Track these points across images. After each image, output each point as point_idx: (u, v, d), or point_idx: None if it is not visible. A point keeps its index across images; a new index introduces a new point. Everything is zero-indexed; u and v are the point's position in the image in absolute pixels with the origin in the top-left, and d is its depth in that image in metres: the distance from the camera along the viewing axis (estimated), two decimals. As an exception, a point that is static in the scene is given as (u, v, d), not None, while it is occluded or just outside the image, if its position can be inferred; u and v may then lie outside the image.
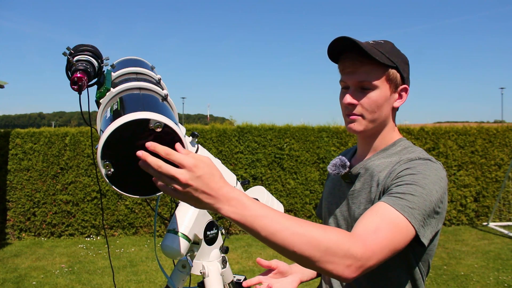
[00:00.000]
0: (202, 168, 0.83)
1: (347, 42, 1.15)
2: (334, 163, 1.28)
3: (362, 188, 1.22)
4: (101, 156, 0.82)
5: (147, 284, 4.74)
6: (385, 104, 1.18)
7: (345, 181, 1.28)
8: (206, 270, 1.23)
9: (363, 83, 1.16)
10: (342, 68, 1.21)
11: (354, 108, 1.18)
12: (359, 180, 1.23)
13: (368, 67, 1.15)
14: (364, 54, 1.13)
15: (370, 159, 1.24)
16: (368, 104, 1.17)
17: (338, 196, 1.31)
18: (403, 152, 1.20)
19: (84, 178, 6.72)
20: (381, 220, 0.97)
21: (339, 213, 1.29)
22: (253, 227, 0.85)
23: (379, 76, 1.16)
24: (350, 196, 1.25)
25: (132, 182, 0.86)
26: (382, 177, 1.15)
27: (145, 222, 6.91)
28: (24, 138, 6.73)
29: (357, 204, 1.21)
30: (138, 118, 0.82)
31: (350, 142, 7.18)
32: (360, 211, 1.19)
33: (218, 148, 6.90)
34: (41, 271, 5.21)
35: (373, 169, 1.20)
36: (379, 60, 1.13)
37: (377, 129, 1.23)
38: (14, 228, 6.74)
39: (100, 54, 1.07)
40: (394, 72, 1.18)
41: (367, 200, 1.18)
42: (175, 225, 1.13)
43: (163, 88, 1.15)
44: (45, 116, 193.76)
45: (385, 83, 1.17)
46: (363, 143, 1.28)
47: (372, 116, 1.18)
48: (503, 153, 7.56)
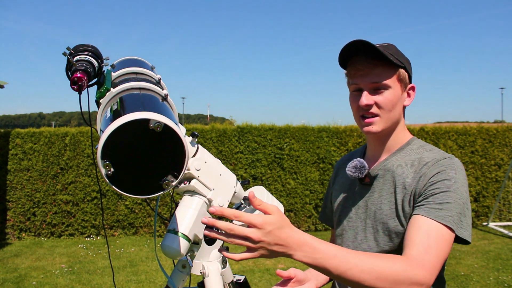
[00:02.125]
0: (271, 223, 0.90)
1: (357, 46, 1.18)
2: (355, 166, 1.27)
3: (383, 189, 1.23)
4: (101, 156, 0.82)
5: (147, 284, 4.74)
6: (398, 103, 1.22)
7: (362, 183, 1.28)
8: (206, 270, 1.23)
9: (377, 84, 1.20)
10: (353, 71, 1.23)
11: (370, 108, 1.21)
12: (379, 181, 1.25)
13: (381, 68, 1.19)
14: (376, 55, 1.17)
15: (387, 159, 1.26)
16: (384, 104, 1.20)
17: (353, 198, 1.32)
18: (420, 150, 1.23)
19: (84, 178, 6.72)
20: (428, 237, 1.04)
21: (355, 216, 1.29)
22: (324, 268, 0.92)
23: (391, 76, 1.20)
24: (369, 197, 1.26)
25: (132, 182, 0.86)
26: (409, 179, 1.17)
27: (145, 222, 6.91)
28: (24, 138, 6.73)
29: (378, 205, 1.23)
30: (138, 118, 0.82)
31: (350, 142, 7.18)
32: (382, 211, 1.21)
33: (218, 148, 6.90)
34: (41, 271, 5.21)
35: (393, 170, 1.22)
36: (393, 61, 1.17)
37: (391, 129, 1.26)
38: (14, 228, 6.74)
39: (100, 54, 1.07)
40: (403, 72, 1.22)
41: (390, 202, 1.20)
42: (175, 225, 1.13)
43: (163, 88, 1.15)
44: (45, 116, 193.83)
45: (396, 83, 1.21)
46: (376, 144, 1.30)
47: (388, 116, 1.21)
48: (503, 153, 7.56)
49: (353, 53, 1.22)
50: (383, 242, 1.22)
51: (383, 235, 1.22)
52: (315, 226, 7.20)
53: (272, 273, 5.06)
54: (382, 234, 1.22)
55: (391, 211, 1.20)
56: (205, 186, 1.18)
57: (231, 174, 1.28)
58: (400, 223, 1.18)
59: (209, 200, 1.20)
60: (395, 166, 1.23)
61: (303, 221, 7.12)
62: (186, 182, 1.17)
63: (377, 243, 1.23)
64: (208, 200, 1.20)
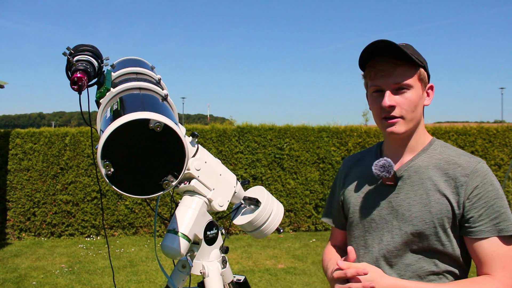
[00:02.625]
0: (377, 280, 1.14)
1: (378, 46, 1.18)
2: (382, 165, 1.24)
3: (410, 191, 1.22)
4: (101, 156, 0.82)
5: (147, 284, 4.74)
6: (420, 103, 1.22)
7: (386, 183, 1.26)
8: (206, 270, 1.23)
9: (400, 84, 1.19)
10: (374, 72, 1.22)
11: (393, 110, 1.20)
12: (405, 183, 1.24)
13: (402, 68, 1.19)
14: (397, 55, 1.17)
15: (413, 161, 1.25)
16: (407, 105, 1.19)
17: (373, 199, 1.30)
18: (443, 150, 1.25)
19: (84, 178, 6.73)
20: (499, 257, 1.15)
21: (378, 217, 1.28)
22: None
23: (412, 75, 1.20)
24: (394, 198, 1.25)
25: (132, 182, 0.86)
26: (440, 183, 1.20)
27: (145, 222, 6.92)
28: (24, 138, 6.73)
29: (406, 206, 1.22)
30: (138, 118, 0.82)
31: (350, 142, 7.18)
32: (411, 213, 1.21)
33: (218, 148, 6.91)
34: (41, 271, 5.21)
35: (420, 172, 1.23)
36: (416, 60, 1.17)
37: (413, 129, 1.25)
38: (14, 228, 6.74)
39: (100, 54, 1.07)
40: (423, 71, 1.23)
41: (421, 204, 1.20)
42: (175, 225, 1.13)
43: (163, 88, 1.15)
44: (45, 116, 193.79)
45: (417, 83, 1.21)
46: (398, 144, 1.28)
47: (411, 116, 1.21)
48: (503, 153, 7.56)
49: (372, 54, 1.21)
50: (412, 243, 1.22)
51: (413, 236, 1.21)
52: (315, 226, 7.20)
53: (272, 273, 5.06)
54: (411, 235, 1.21)
55: (422, 214, 1.20)
56: (205, 186, 1.18)
57: (231, 174, 1.28)
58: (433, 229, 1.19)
59: (209, 200, 1.20)
60: (422, 168, 1.23)
61: (303, 221, 7.12)
62: (186, 182, 1.17)
63: (406, 244, 1.23)
64: (208, 200, 1.20)
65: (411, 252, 1.22)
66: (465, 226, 1.17)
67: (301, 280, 4.78)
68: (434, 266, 1.21)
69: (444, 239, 1.19)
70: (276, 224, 1.35)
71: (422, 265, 1.21)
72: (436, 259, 1.21)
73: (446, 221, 1.18)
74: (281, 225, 2.05)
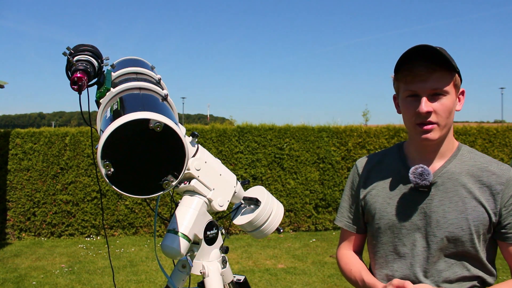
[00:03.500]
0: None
1: (422, 50, 1.17)
2: (421, 173, 1.22)
3: (444, 197, 1.23)
4: (101, 156, 0.82)
5: (147, 284, 4.74)
6: (453, 109, 1.22)
7: (420, 189, 1.24)
8: (206, 270, 1.23)
9: (436, 90, 1.18)
10: (411, 77, 1.20)
11: (429, 116, 1.18)
12: (439, 189, 1.24)
13: (439, 74, 1.18)
14: (435, 60, 1.16)
15: (445, 166, 1.25)
16: (443, 111, 1.19)
17: (406, 205, 1.27)
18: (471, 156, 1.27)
19: (84, 178, 6.73)
20: None
21: (409, 223, 1.26)
22: None
23: (449, 81, 1.19)
24: (427, 205, 1.24)
25: (132, 182, 0.86)
26: (477, 192, 1.21)
27: (145, 222, 6.92)
28: (24, 138, 6.73)
29: (441, 213, 1.22)
30: (138, 118, 0.82)
31: (350, 142, 7.18)
32: (447, 220, 1.21)
33: (218, 148, 6.91)
34: (41, 271, 5.21)
35: (454, 178, 1.23)
36: (454, 66, 1.17)
37: (446, 135, 1.25)
38: (14, 228, 6.74)
39: (100, 54, 1.07)
40: (457, 77, 1.22)
41: (457, 211, 1.21)
42: (175, 225, 1.13)
43: (163, 88, 1.15)
44: (45, 116, 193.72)
45: (453, 88, 1.20)
46: (429, 150, 1.27)
47: (445, 122, 1.20)
48: (503, 153, 7.56)
49: (409, 58, 1.20)
50: (446, 249, 1.23)
51: (448, 242, 1.22)
52: (315, 226, 7.20)
53: (272, 273, 5.06)
54: (447, 242, 1.22)
55: (460, 221, 1.21)
56: (205, 186, 1.18)
57: (231, 174, 1.28)
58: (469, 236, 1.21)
59: (209, 200, 1.20)
60: (455, 174, 1.24)
61: (303, 221, 7.12)
62: (186, 182, 1.17)
63: (440, 250, 1.23)
64: (208, 200, 1.20)
65: (444, 258, 1.23)
66: (501, 232, 1.22)
67: (301, 280, 4.78)
68: (467, 271, 1.23)
69: (478, 245, 1.22)
70: (276, 224, 1.35)
71: (455, 270, 1.23)
72: (469, 264, 1.23)
73: (482, 228, 1.21)
74: (281, 225, 2.05)
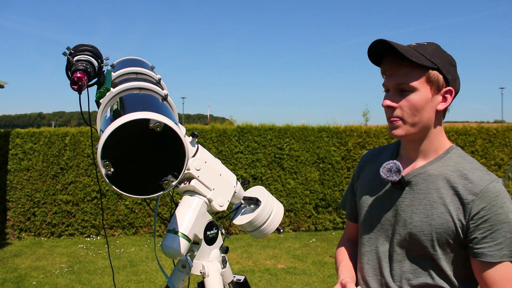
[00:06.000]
0: None
1: (387, 45, 1.15)
2: (389, 168, 1.22)
3: (416, 199, 1.20)
4: (101, 156, 0.82)
5: (147, 284, 4.74)
6: (426, 106, 1.17)
7: (394, 186, 1.24)
8: (206, 270, 1.23)
9: (402, 86, 1.16)
10: (383, 71, 1.21)
11: (393, 110, 1.18)
12: (413, 189, 1.21)
13: (407, 69, 1.15)
14: (403, 56, 1.13)
15: (424, 167, 1.21)
16: (407, 107, 1.16)
17: (383, 200, 1.28)
18: (459, 161, 1.20)
19: (84, 178, 6.72)
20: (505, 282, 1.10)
21: (384, 219, 1.26)
22: None
23: (418, 77, 1.15)
24: (400, 203, 1.23)
25: (132, 182, 0.86)
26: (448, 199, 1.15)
27: (145, 222, 6.91)
28: (24, 138, 6.73)
29: (409, 213, 1.20)
30: (138, 118, 0.82)
31: (350, 142, 7.18)
32: (412, 222, 1.19)
33: (218, 148, 6.90)
34: (41, 271, 5.21)
35: (430, 181, 1.19)
36: (416, 61, 1.12)
37: (422, 133, 1.21)
38: (14, 228, 6.74)
39: (100, 54, 1.07)
40: (436, 74, 1.16)
41: (424, 214, 1.17)
42: (175, 225, 1.13)
43: (163, 88, 1.15)
44: (45, 116, 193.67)
45: (425, 85, 1.16)
46: (409, 147, 1.26)
47: (412, 120, 1.17)
48: (503, 153, 7.56)
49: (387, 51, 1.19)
50: (410, 250, 1.22)
51: (409, 244, 1.21)
52: (315, 226, 7.20)
53: (272, 273, 5.06)
54: (409, 243, 1.21)
55: (423, 224, 1.18)
56: (205, 186, 1.18)
57: (231, 174, 1.28)
58: (430, 242, 1.17)
59: (209, 200, 1.20)
60: (432, 176, 1.19)
61: (303, 221, 7.12)
62: (186, 182, 1.17)
63: (405, 250, 1.22)
64: (208, 200, 1.20)
65: (409, 260, 1.21)
66: (469, 246, 1.14)
67: (301, 280, 4.78)
68: (431, 279, 1.19)
69: (440, 253, 1.17)
70: (276, 224, 1.35)
71: (419, 276, 1.20)
72: (434, 272, 1.19)
73: (446, 237, 1.15)
74: (281, 225, 2.05)
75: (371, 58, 1.23)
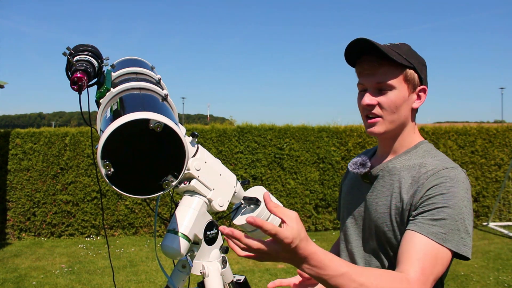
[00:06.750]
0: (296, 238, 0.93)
1: (364, 45, 1.17)
2: (355, 161, 1.28)
3: (381, 191, 1.22)
4: (101, 156, 0.82)
5: (147, 284, 4.74)
6: (403, 104, 1.19)
7: (364, 181, 1.28)
8: (206, 270, 1.23)
9: (381, 84, 1.18)
10: (360, 70, 1.22)
11: (372, 109, 1.19)
12: (379, 182, 1.24)
13: (386, 68, 1.17)
14: (382, 55, 1.15)
15: (390, 161, 1.24)
16: (387, 104, 1.18)
17: (356, 196, 1.32)
18: (425, 155, 1.20)
19: (84, 178, 6.72)
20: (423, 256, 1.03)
21: (357, 213, 1.30)
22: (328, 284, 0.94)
23: (396, 76, 1.17)
24: (369, 197, 1.25)
25: (132, 182, 0.86)
26: (405, 186, 1.15)
27: (145, 222, 6.91)
28: (24, 138, 6.73)
29: (374, 206, 1.22)
30: (138, 118, 0.82)
31: (350, 142, 7.18)
32: (377, 214, 1.20)
33: (218, 148, 6.90)
34: (41, 271, 5.21)
35: (394, 173, 1.21)
36: (397, 61, 1.14)
37: (397, 131, 1.23)
38: (14, 228, 6.74)
39: (100, 54, 1.07)
40: (412, 73, 1.19)
41: (385, 205, 1.19)
42: (175, 225, 1.13)
43: (163, 88, 1.15)
44: (45, 116, 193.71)
45: (403, 84, 1.19)
46: (383, 145, 1.29)
47: (391, 117, 1.19)
48: (503, 153, 7.56)
49: (361, 51, 1.20)
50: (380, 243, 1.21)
51: (377, 236, 1.21)
52: (315, 226, 7.20)
53: (272, 273, 5.06)
54: (376, 235, 1.22)
55: (385, 216, 1.19)
56: (205, 186, 1.18)
57: (231, 174, 1.28)
58: (392, 232, 1.16)
59: (209, 200, 1.20)
60: (395, 169, 1.21)
61: (303, 221, 7.11)
62: (186, 182, 1.17)
63: (374, 242, 1.23)
64: (208, 200, 1.20)
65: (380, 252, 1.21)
66: (408, 220, 1.12)
67: (301, 280, 4.78)
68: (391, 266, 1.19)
69: None
70: (276, 224, 1.35)
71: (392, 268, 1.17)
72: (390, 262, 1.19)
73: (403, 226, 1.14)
74: (281, 225, 2.05)
75: (347, 58, 1.24)
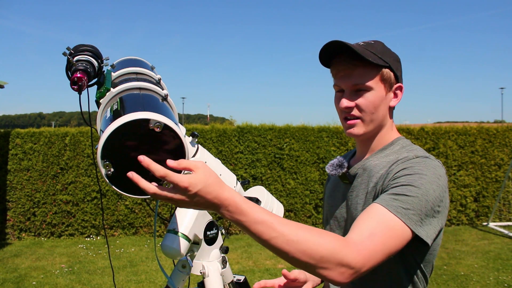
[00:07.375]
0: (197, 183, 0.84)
1: (338, 46, 1.15)
2: (332, 163, 1.28)
3: (359, 189, 1.20)
4: (101, 156, 0.82)
5: (147, 284, 4.74)
6: (381, 104, 1.18)
7: (343, 182, 1.27)
8: (206, 270, 1.23)
9: (358, 86, 1.16)
10: (335, 72, 1.20)
11: (351, 111, 1.18)
12: (357, 181, 1.22)
13: (362, 69, 1.15)
14: (357, 56, 1.13)
15: (368, 159, 1.23)
16: (365, 106, 1.16)
17: (337, 197, 1.30)
18: (401, 151, 1.19)
19: (84, 178, 6.72)
20: (376, 224, 0.97)
21: (339, 215, 1.28)
22: (250, 232, 0.89)
23: (373, 77, 1.16)
24: (349, 197, 1.24)
25: (132, 182, 0.86)
26: (380, 181, 1.13)
27: (145, 222, 6.91)
28: (24, 138, 6.73)
29: (354, 205, 1.21)
30: (138, 118, 0.82)
31: (350, 142, 7.18)
32: (357, 212, 1.18)
33: (218, 148, 6.90)
34: (41, 271, 5.21)
35: (370, 169, 1.19)
36: (373, 61, 1.13)
37: (376, 131, 1.22)
38: (14, 228, 6.74)
39: (100, 54, 1.07)
40: (388, 72, 1.18)
41: (364, 201, 1.17)
42: (175, 225, 1.13)
43: (163, 88, 1.15)
44: (45, 116, 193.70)
45: (379, 84, 1.17)
46: (361, 145, 1.28)
47: (370, 118, 1.18)
48: (503, 153, 7.56)
49: (336, 53, 1.18)
50: None
51: None
52: (315, 226, 7.20)
53: (272, 273, 5.06)
54: None
55: None
56: (205, 186, 1.18)
57: (231, 174, 1.28)
58: None
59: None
60: (372, 166, 1.19)
61: (303, 221, 7.11)
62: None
63: None
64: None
65: None
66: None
67: (301, 280, 4.78)
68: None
69: None
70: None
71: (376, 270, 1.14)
72: None
73: None
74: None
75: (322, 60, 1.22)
